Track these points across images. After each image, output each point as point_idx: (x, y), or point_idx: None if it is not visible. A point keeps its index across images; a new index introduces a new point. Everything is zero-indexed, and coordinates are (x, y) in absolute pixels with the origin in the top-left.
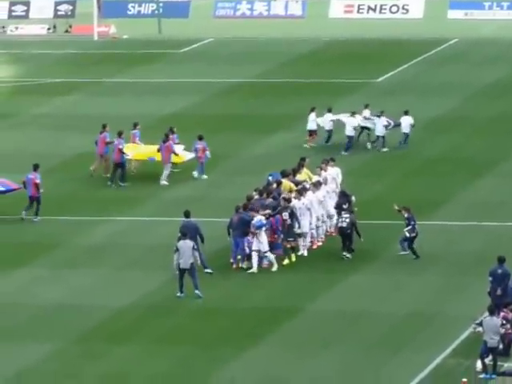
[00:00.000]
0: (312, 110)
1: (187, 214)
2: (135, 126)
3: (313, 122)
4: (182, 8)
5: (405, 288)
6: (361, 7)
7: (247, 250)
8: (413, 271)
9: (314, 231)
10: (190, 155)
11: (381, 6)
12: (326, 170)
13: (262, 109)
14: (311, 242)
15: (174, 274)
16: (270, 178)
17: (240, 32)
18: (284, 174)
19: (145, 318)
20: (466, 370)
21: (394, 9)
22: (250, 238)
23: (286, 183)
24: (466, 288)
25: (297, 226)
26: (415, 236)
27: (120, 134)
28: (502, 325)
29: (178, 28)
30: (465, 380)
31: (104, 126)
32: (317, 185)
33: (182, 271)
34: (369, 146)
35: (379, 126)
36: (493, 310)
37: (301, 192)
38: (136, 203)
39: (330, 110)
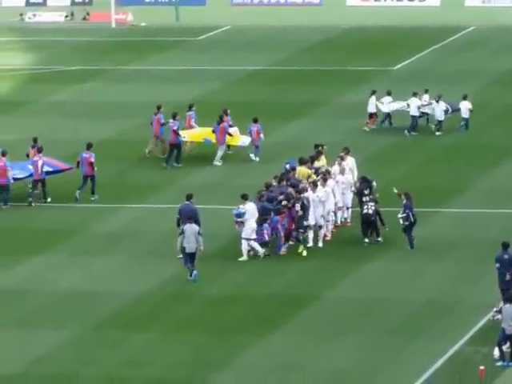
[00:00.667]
0: (372, 93)
1: (188, 197)
2: (190, 107)
3: (372, 104)
4: None
5: (422, 275)
6: None
7: (266, 238)
8: (430, 259)
9: (327, 223)
10: (245, 138)
11: None
12: (345, 160)
13: (278, 96)
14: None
15: (177, 256)
16: (287, 165)
17: (257, 19)
18: (301, 162)
19: (162, 305)
20: (484, 357)
21: None
22: (267, 225)
23: (304, 170)
24: (483, 275)
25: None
26: (410, 224)
27: (174, 116)
28: None
29: (195, 15)
30: (482, 367)
31: (159, 107)
32: (325, 178)
33: (187, 255)
34: (406, 133)
35: (438, 110)
36: (511, 298)
37: (315, 184)
38: (155, 190)
39: (389, 93)
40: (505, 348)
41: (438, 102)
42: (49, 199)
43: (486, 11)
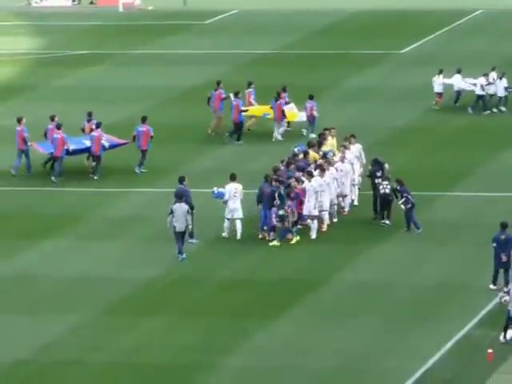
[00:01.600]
0: (440, 72)
1: (181, 180)
2: (250, 84)
3: (440, 84)
4: None
5: (430, 259)
6: None
7: (274, 222)
8: (438, 242)
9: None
10: (302, 114)
11: None
12: (349, 149)
13: (286, 80)
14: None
15: (188, 241)
16: (296, 149)
17: (264, 3)
18: (309, 145)
19: (171, 289)
20: (492, 340)
21: None
22: (275, 209)
23: (312, 154)
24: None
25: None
26: (411, 207)
27: (237, 94)
28: None
29: None
30: (490, 351)
31: (218, 83)
32: (322, 168)
33: (177, 234)
34: (469, 110)
35: (500, 87)
36: None
37: (310, 173)
38: (164, 174)
39: (459, 71)
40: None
41: (500, 79)
42: (96, 177)
43: None
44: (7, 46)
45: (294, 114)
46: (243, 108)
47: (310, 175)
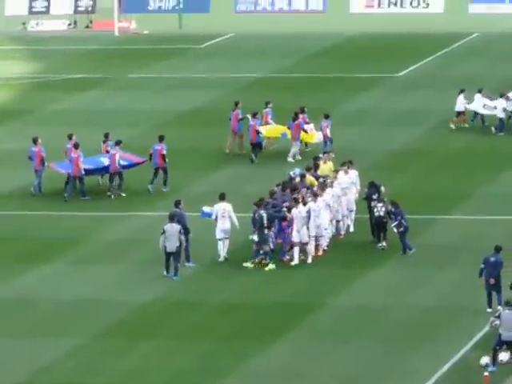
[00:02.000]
0: (461, 91)
1: (176, 204)
2: (267, 104)
3: (461, 104)
4: (203, 3)
5: (427, 282)
6: (382, 2)
7: (271, 245)
8: (435, 265)
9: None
10: (319, 134)
11: (401, 0)
12: (347, 173)
13: (282, 104)
14: (316, 248)
15: (184, 264)
16: (292, 173)
17: (261, 27)
18: (306, 169)
19: (168, 313)
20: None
21: (415, 3)
22: (272, 233)
23: (309, 177)
24: None
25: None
26: (404, 230)
27: (255, 115)
28: None
29: (198, 23)
30: (487, 374)
31: (236, 104)
32: (315, 193)
33: (167, 254)
34: (493, 130)
35: None
36: (510, 303)
37: (296, 200)
38: (160, 198)
39: (480, 91)
40: (501, 356)
41: None
42: (123, 194)
43: (489, 18)
44: (3, 70)
45: (313, 134)
46: (259, 128)
47: (297, 202)
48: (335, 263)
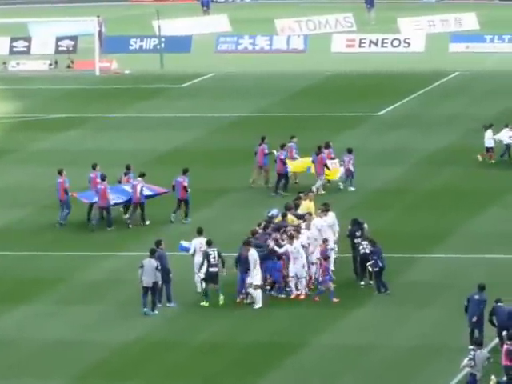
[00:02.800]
0: (489, 126)
1: (157, 244)
2: (292, 138)
3: (490, 139)
4: (184, 43)
5: (409, 321)
6: (362, 41)
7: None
8: (416, 304)
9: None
10: (341, 170)
11: (382, 39)
12: (321, 217)
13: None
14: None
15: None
16: (270, 214)
17: (242, 67)
18: (287, 208)
19: (149, 353)
20: None
21: (396, 43)
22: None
23: (290, 217)
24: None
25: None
26: (379, 270)
27: (282, 146)
28: (488, 358)
29: (179, 63)
30: None
31: (263, 138)
32: (292, 236)
33: (144, 289)
34: None
35: None
36: (480, 343)
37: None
38: (140, 238)
39: (506, 125)
40: None
41: None
42: (147, 222)
43: (469, 57)
44: None
45: (336, 170)
46: (285, 160)
47: (292, 238)
48: (318, 302)
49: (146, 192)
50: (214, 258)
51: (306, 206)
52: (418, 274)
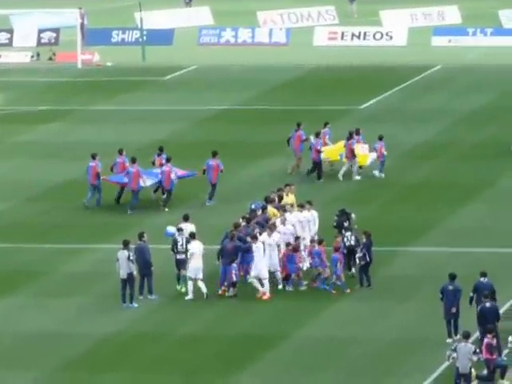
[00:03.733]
0: None
1: (140, 236)
2: (325, 124)
3: None
4: (166, 35)
5: (390, 314)
6: (345, 34)
7: (234, 278)
8: (397, 297)
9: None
10: (373, 154)
11: (365, 32)
12: (290, 212)
13: (246, 136)
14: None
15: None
16: (253, 206)
17: (224, 59)
18: (268, 200)
19: (129, 346)
20: None
21: (378, 36)
22: (235, 265)
23: (270, 209)
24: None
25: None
26: (366, 264)
27: (318, 134)
28: (475, 352)
29: (161, 55)
30: None
31: (299, 124)
32: (272, 227)
33: (122, 281)
34: None
35: None
36: (467, 336)
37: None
38: (122, 230)
39: None
40: None
41: None
42: (166, 209)
43: (452, 50)
44: None
45: (366, 156)
46: (320, 148)
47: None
48: (299, 295)
49: (174, 176)
50: (182, 245)
51: (290, 199)
52: (399, 268)
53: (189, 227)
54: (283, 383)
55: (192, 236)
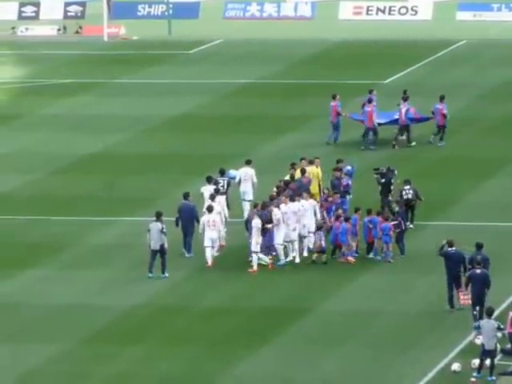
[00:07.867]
0: None
1: (185, 196)
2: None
3: None
4: (192, 9)
5: (414, 288)
6: (370, 8)
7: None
8: (422, 271)
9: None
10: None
11: (390, 7)
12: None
13: (271, 110)
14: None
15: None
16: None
17: (250, 33)
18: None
19: (154, 318)
20: (475, 369)
21: (403, 10)
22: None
23: (313, 169)
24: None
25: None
26: (401, 231)
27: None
28: (499, 328)
29: (187, 29)
30: (473, 379)
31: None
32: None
33: (152, 252)
34: None
35: None
36: (491, 313)
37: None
38: (146, 203)
39: None
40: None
41: None
42: (413, 143)
43: (477, 25)
44: None
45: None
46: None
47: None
48: (323, 268)
49: (409, 116)
50: (223, 186)
51: (315, 171)
52: (423, 242)
53: (249, 171)
54: (307, 356)
55: (247, 162)
